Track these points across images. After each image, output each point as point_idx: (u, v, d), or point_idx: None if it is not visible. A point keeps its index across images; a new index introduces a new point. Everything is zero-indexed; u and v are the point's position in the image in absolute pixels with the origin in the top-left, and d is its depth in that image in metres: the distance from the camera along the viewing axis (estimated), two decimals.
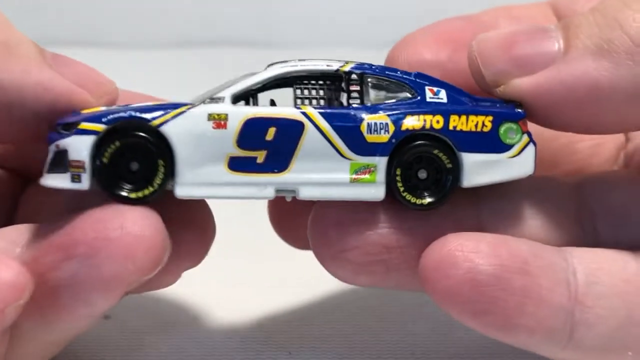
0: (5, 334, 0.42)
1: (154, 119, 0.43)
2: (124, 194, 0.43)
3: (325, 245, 0.46)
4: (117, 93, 0.48)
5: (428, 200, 0.45)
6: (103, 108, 0.45)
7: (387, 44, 0.52)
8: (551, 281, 0.44)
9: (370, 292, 0.59)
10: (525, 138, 0.46)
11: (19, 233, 0.44)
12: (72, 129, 0.43)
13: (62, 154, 0.43)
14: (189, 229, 0.46)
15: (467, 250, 0.43)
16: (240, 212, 0.49)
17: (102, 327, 0.52)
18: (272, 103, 0.46)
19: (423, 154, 0.45)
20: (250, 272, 0.61)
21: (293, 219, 0.52)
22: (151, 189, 0.44)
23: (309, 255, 0.55)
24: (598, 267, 0.44)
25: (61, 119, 0.44)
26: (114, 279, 0.41)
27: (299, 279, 0.60)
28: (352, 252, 0.45)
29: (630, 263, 0.45)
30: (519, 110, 0.46)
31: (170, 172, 0.44)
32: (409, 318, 0.56)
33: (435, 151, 0.45)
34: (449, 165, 0.45)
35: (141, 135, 0.43)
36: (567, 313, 0.43)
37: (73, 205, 0.44)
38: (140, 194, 0.43)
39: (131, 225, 0.42)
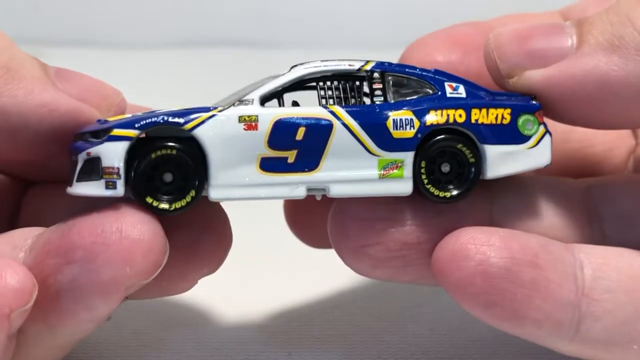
0: (12, 339, 0.41)
1: (186, 122, 0.44)
2: (157, 204, 0.43)
3: (345, 239, 0.46)
4: (124, 104, 0.48)
5: (452, 193, 0.46)
6: (129, 115, 0.45)
7: (387, 44, 0.53)
8: (559, 275, 0.44)
9: (370, 292, 0.59)
10: (542, 129, 0.47)
11: (21, 237, 0.44)
12: (103, 136, 0.43)
13: (94, 161, 0.43)
14: (207, 235, 0.46)
15: (479, 243, 0.44)
16: (239, 214, 0.49)
17: (102, 327, 0.52)
18: (295, 104, 0.46)
19: (447, 148, 0.46)
20: (250, 273, 0.61)
21: (308, 217, 0.52)
22: (178, 205, 0.44)
23: (308, 256, 0.55)
24: (605, 263, 0.45)
25: (85, 128, 0.44)
26: (113, 283, 0.41)
27: (299, 279, 0.60)
28: (373, 247, 0.46)
29: (636, 260, 0.45)
30: (535, 102, 0.46)
31: (200, 190, 0.44)
32: (409, 318, 0.56)
33: (459, 145, 0.46)
34: (472, 159, 0.46)
35: (184, 150, 0.44)
36: (574, 306, 0.44)
37: (74, 209, 0.44)
38: (168, 206, 0.44)
39: (129, 230, 0.42)
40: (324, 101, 0.46)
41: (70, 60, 0.48)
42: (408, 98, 0.46)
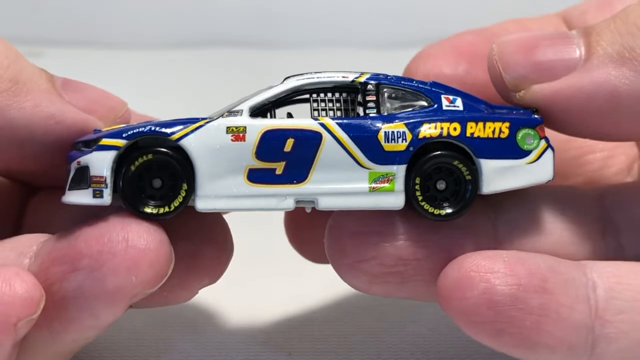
0: (15, 347, 0.41)
1: (173, 133, 0.44)
2: (146, 210, 0.43)
3: (341, 255, 0.46)
4: (129, 115, 0.48)
5: (447, 210, 0.45)
6: (122, 125, 0.45)
7: (386, 44, 0.53)
8: (571, 298, 0.43)
9: None
10: (543, 143, 0.46)
11: (27, 244, 0.44)
12: (92, 145, 0.44)
13: (83, 170, 0.44)
14: (209, 245, 0.46)
15: (483, 271, 0.43)
16: (240, 215, 0.49)
17: None
18: (289, 116, 0.46)
19: (442, 165, 0.45)
20: (250, 274, 0.61)
21: (309, 233, 0.52)
22: (168, 208, 0.44)
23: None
24: (618, 282, 0.44)
25: (80, 138, 0.45)
26: (118, 291, 0.41)
27: (299, 279, 0.60)
28: (368, 263, 0.45)
29: None
30: (536, 116, 0.46)
31: (191, 191, 0.44)
32: (409, 318, 0.56)
33: (455, 162, 0.45)
34: (468, 177, 0.45)
35: (169, 154, 0.44)
36: (588, 329, 0.43)
37: (80, 215, 0.44)
38: (160, 210, 0.44)
39: (136, 239, 0.42)
40: (316, 113, 0.46)
41: (70, 60, 0.48)
42: (402, 111, 0.46)
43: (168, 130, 0.44)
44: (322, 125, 0.44)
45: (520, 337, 0.43)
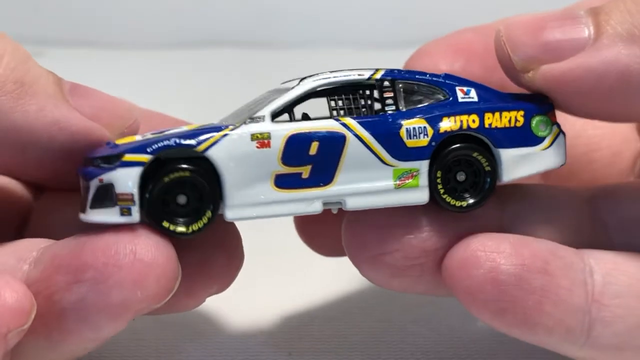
0: (6, 355, 0.41)
1: (198, 144, 0.43)
2: (170, 227, 0.43)
3: (362, 248, 0.45)
4: (137, 125, 0.47)
5: (468, 202, 0.45)
6: (139, 137, 0.44)
7: (386, 44, 0.53)
8: (570, 281, 0.44)
9: (370, 292, 0.59)
10: (556, 129, 0.46)
11: (27, 249, 0.44)
12: (114, 161, 0.42)
13: (107, 188, 0.42)
14: (219, 254, 0.46)
15: (489, 250, 0.43)
16: None
17: None
18: (305, 116, 0.46)
19: (462, 157, 0.45)
20: (251, 274, 0.61)
21: (320, 226, 0.52)
22: (187, 229, 0.43)
23: (309, 257, 0.55)
24: (614, 267, 0.44)
25: (95, 152, 0.44)
26: (122, 306, 0.41)
27: (299, 279, 0.60)
28: (392, 255, 0.45)
29: None
30: (547, 102, 0.46)
31: (214, 216, 0.43)
32: (409, 318, 0.56)
33: (475, 154, 0.45)
34: (488, 168, 0.45)
35: (201, 171, 0.43)
36: (585, 312, 0.44)
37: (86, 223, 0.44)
38: (185, 229, 0.43)
39: (143, 252, 0.41)
40: (334, 113, 0.45)
41: (70, 61, 0.47)
42: (420, 105, 0.46)
43: (193, 142, 0.43)
44: (345, 125, 0.44)
45: (522, 316, 0.43)
